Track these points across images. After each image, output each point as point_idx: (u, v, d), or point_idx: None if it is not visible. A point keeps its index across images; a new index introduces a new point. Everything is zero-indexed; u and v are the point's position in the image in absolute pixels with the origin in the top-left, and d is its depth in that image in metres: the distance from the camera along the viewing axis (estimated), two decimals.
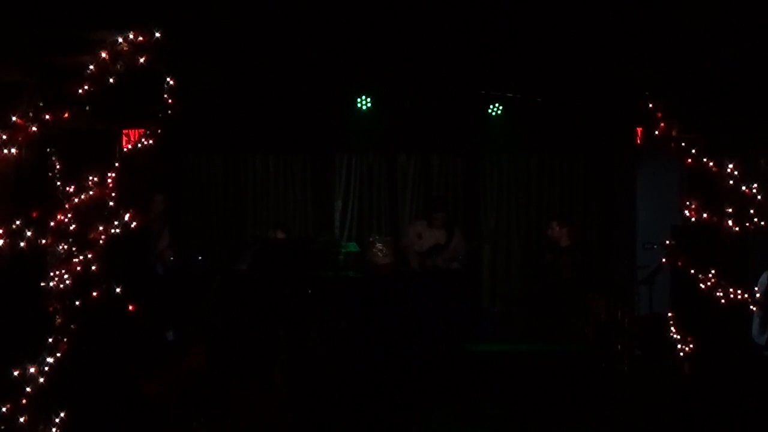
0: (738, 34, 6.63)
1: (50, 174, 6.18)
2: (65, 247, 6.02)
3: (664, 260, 7.78)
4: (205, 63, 7.57)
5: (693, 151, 7.29)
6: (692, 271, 7.30)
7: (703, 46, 6.67)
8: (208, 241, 10.14)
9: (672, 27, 6.54)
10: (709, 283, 7.22)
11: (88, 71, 5.60)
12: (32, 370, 5.33)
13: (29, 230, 5.35)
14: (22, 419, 5.24)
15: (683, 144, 7.35)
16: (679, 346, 7.29)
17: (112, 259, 6.42)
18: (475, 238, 9.90)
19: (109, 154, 6.97)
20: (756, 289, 6.95)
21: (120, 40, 5.65)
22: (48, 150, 6.08)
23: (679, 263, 7.43)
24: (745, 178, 7.14)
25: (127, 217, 6.57)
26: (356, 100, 9.02)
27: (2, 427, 5.19)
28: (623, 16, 6.67)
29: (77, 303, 5.97)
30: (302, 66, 8.47)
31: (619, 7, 6.56)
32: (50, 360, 5.49)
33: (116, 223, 6.53)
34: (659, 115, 7.39)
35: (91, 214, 6.38)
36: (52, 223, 5.72)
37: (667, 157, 7.70)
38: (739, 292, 7.20)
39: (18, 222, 5.33)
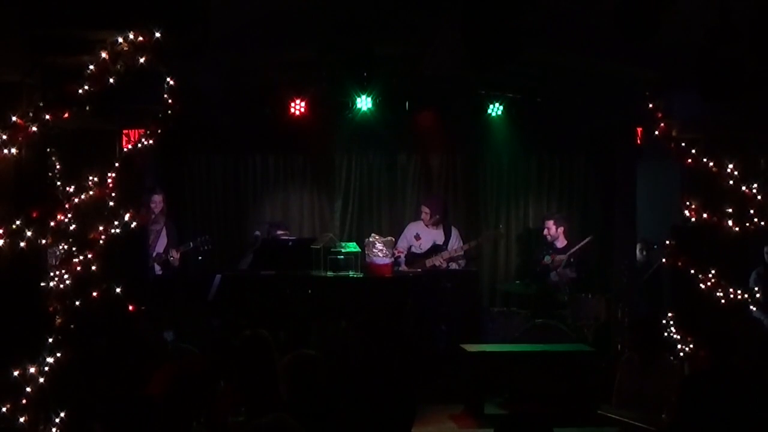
0: (738, 34, 6.63)
1: (50, 174, 6.18)
2: (65, 247, 6.03)
3: (664, 260, 7.80)
4: (205, 63, 7.57)
5: (693, 151, 7.32)
6: (692, 271, 7.32)
7: (703, 46, 6.66)
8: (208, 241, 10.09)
9: (672, 27, 6.53)
10: (709, 283, 7.24)
11: (89, 71, 5.61)
12: (32, 370, 5.35)
13: (29, 230, 5.37)
14: (22, 419, 5.26)
15: (683, 144, 7.37)
16: (679, 346, 7.32)
17: (112, 259, 6.43)
18: (475, 238, 9.88)
19: (109, 154, 6.97)
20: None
21: (120, 40, 5.66)
22: (48, 150, 6.07)
23: (680, 263, 7.45)
24: (745, 178, 7.16)
25: (127, 217, 6.60)
26: (356, 99, 9.00)
27: (2, 427, 5.19)
28: (623, 16, 6.65)
29: (77, 303, 5.98)
30: (302, 66, 8.47)
31: (619, 6, 6.54)
32: (50, 360, 5.50)
33: (116, 223, 6.55)
34: (659, 115, 7.41)
35: (91, 214, 6.39)
36: (52, 223, 5.73)
37: (667, 157, 7.71)
38: (739, 292, 7.22)
39: (18, 222, 5.35)
